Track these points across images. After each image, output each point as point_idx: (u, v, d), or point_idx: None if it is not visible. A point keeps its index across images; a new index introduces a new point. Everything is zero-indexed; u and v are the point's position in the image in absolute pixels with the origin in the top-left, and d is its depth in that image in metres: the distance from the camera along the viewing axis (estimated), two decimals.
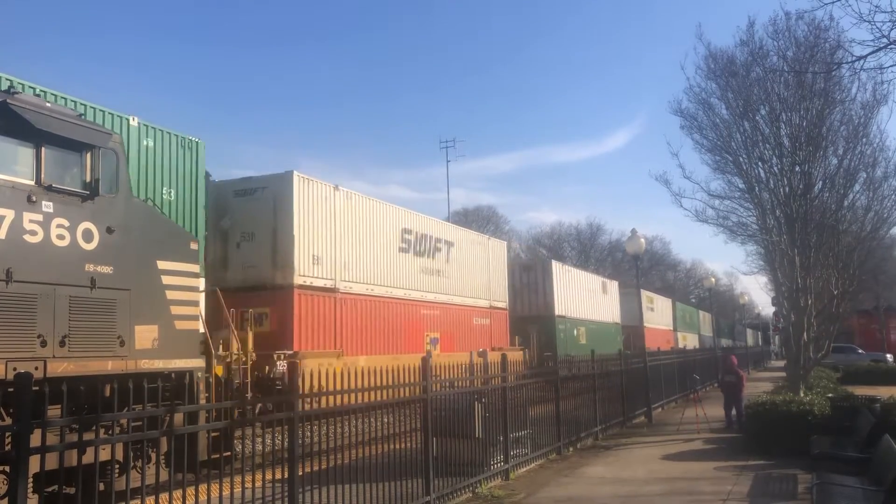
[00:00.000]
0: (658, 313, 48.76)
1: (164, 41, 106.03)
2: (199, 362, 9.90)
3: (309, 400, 6.96)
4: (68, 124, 8.53)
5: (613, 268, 76.91)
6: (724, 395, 16.74)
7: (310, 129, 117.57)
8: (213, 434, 8.42)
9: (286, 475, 6.59)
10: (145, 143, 12.92)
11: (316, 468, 6.92)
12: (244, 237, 16.43)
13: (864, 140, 16.47)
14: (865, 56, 8.33)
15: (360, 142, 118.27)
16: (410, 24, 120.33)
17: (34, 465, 4.52)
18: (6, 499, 4.54)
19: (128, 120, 12.71)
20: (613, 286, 40.12)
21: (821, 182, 16.59)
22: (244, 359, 12.56)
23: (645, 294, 44.16)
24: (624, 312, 39.01)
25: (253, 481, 6.24)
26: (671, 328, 51.85)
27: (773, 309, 39.69)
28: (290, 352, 15.18)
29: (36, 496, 6.59)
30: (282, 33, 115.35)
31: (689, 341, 55.34)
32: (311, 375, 7.16)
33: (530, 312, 29.29)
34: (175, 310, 9.55)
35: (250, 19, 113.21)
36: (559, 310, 30.08)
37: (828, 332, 18.13)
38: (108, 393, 7.60)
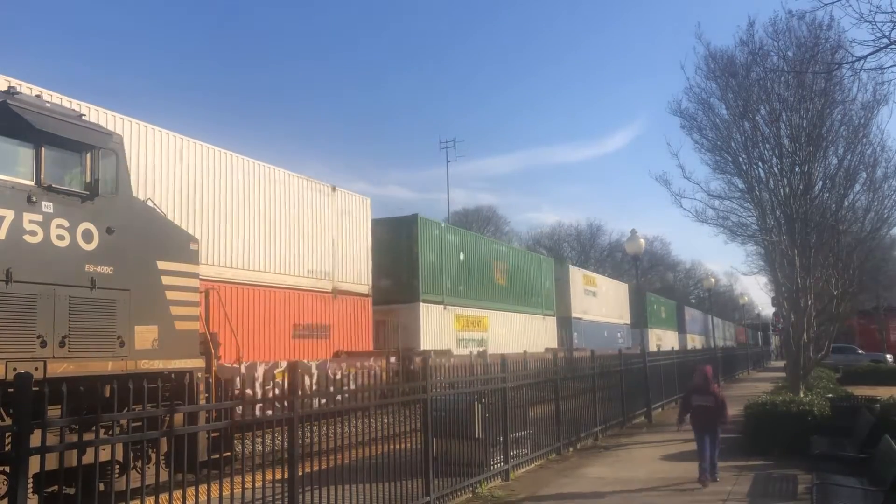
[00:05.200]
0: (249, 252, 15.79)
1: (164, 42, 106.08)
2: (198, 362, 9.90)
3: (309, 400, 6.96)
4: (68, 124, 8.53)
5: (613, 268, 76.91)
6: (693, 427, 10.68)
7: (310, 129, 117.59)
8: (213, 434, 8.42)
9: (286, 475, 6.59)
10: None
11: (316, 468, 6.92)
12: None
13: (864, 140, 16.46)
14: (866, 56, 8.32)
15: (360, 142, 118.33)
16: (411, 24, 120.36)
17: (34, 465, 4.52)
18: (6, 499, 4.54)
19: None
20: None
21: (821, 182, 16.58)
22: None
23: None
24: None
25: (253, 481, 6.24)
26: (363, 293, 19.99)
27: (773, 309, 39.48)
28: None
29: (36, 496, 6.58)
30: (282, 34, 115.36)
31: (527, 333, 27.03)
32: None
33: None
34: (175, 310, 9.55)
35: (251, 19, 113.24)
36: None
37: (827, 333, 18.12)
38: (107, 393, 7.60)
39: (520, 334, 27.08)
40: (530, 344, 26.50)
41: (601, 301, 37.72)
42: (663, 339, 48.23)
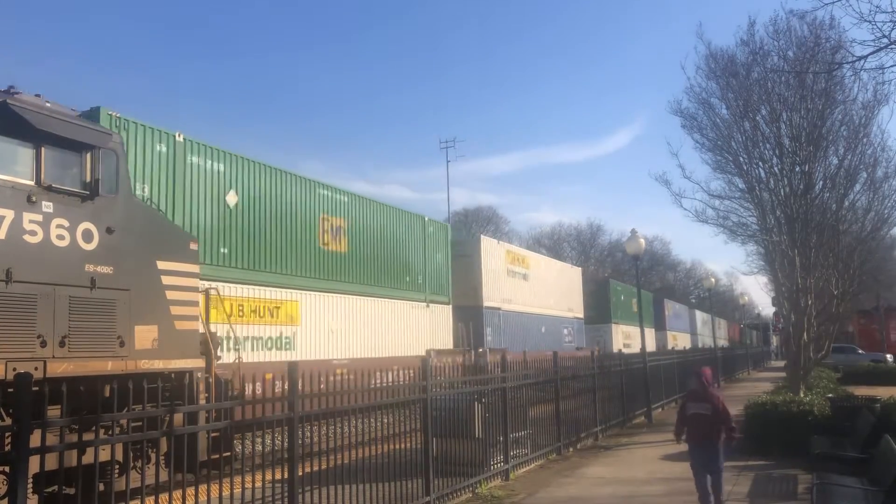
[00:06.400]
0: None
1: (165, 45, 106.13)
2: (198, 362, 9.89)
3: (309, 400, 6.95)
4: (68, 124, 8.52)
5: (613, 268, 76.89)
6: (689, 446, 8.50)
7: (310, 129, 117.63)
8: (213, 434, 8.41)
9: (286, 475, 6.59)
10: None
11: (316, 468, 6.92)
12: None
13: (864, 140, 16.48)
14: (866, 56, 8.32)
15: (360, 142, 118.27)
16: (411, 23, 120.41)
17: (34, 465, 4.52)
18: (6, 499, 4.54)
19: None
20: None
21: (821, 182, 16.59)
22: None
23: None
24: None
25: (253, 481, 6.24)
26: None
27: (773, 309, 39.30)
28: None
29: (36, 496, 6.58)
30: (282, 34, 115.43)
31: (393, 328, 18.48)
32: None
33: None
34: (175, 310, 9.55)
35: (250, 19, 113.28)
36: None
37: (828, 333, 18.13)
38: (107, 393, 7.60)
39: (376, 329, 17.96)
40: (401, 343, 18.59)
41: (536, 287, 27.77)
42: (634, 338, 37.47)
